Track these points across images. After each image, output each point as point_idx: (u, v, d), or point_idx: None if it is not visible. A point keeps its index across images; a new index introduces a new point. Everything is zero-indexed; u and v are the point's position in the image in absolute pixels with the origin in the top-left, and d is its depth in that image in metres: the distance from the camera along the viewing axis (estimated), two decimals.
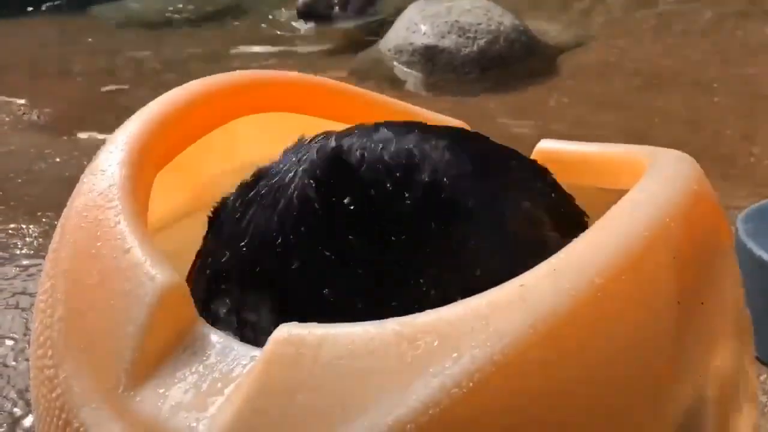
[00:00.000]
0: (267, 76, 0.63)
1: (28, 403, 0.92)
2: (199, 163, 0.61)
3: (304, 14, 2.55)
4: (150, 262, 0.42)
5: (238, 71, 0.62)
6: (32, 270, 1.24)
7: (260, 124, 0.63)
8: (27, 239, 1.38)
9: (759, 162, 1.60)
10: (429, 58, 2.25)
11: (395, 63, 2.29)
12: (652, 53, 2.24)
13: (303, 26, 2.58)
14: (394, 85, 2.21)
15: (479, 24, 2.29)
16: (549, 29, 2.45)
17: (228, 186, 0.65)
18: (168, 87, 0.58)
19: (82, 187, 0.49)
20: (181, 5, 3.03)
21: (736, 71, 2.06)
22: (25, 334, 1.05)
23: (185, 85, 0.57)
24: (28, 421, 0.90)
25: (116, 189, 0.47)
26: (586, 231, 0.38)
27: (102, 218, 0.45)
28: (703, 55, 2.20)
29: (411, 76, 2.25)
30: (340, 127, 0.56)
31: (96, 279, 0.43)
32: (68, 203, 0.50)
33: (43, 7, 3.02)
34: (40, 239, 1.37)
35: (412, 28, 2.32)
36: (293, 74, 0.66)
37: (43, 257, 0.50)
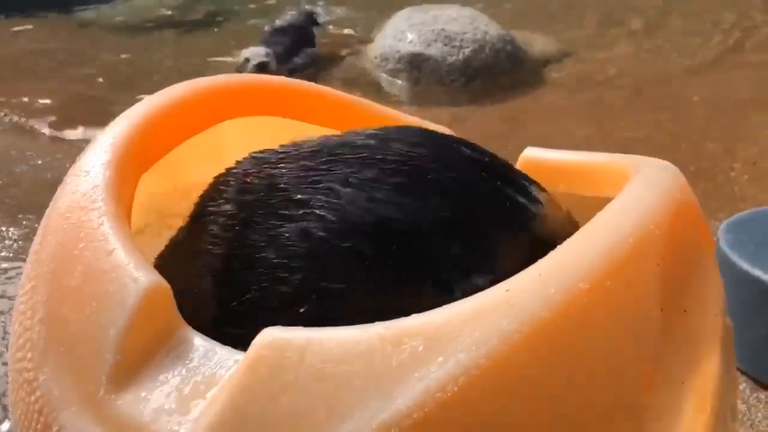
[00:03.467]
0: (253, 80, 0.63)
1: (5, 408, 0.91)
2: (184, 165, 0.61)
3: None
4: (133, 264, 0.42)
5: (224, 75, 0.61)
6: (11, 273, 1.23)
7: (246, 128, 0.63)
8: (7, 242, 1.36)
9: (739, 175, 1.62)
10: (415, 66, 2.26)
11: (381, 71, 2.30)
12: (636, 66, 2.26)
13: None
14: (379, 93, 2.22)
15: (465, 33, 2.30)
16: (535, 40, 2.47)
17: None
18: (151, 91, 0.57)
19: (65, 188, 0.49)
20: (168, 11, 3.02)
21: (718, 85, 2.09)
22: (3, 338, 1.04)
23: (171, 87, 0.57)
24: (5, 427, 0.89)
25: (100, 190, 0.46)
26: (572, 237, 0.39)
27: (85, 219, 0.45)
28: (686, 68, 2.22)
29: (396, 85, 2.25)
30: (326, 131, 0.56)
31: (78, 281, 0.43)
32: (51, 204, 0.49)
33: (29, 10, 3.00)
34: (20, 242, 1.36)
35: (398, 36, 2.33)
36: (280, 78, 0.66)
37: (23, 260, 0.50)
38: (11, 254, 1.31)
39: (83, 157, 0.50)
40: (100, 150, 0.50)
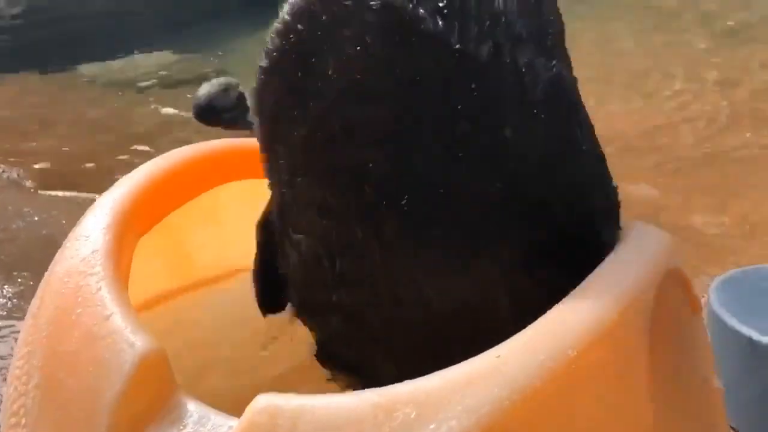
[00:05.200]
0: (251, 144, 0.65)
1: None
2: (181, 227, 0.62)
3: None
4: (130, 329, 0.42)
5: (222, 139, 0.63)
6: (5, 332, 1.22)
7: (244, 190, 0.64)
8: (1, 300, 1.36)
9: (728, 232, 1.64)
10: None
11: None
12: (620, 121, 2.30)
13: None
14: None
15: None
16: None
17: (209, 255, 0.66)
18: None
19: (64, 253, 0.49)
20: (165, 71, 3.07)
21: (705, 141, 2.12)
22: None
23: (170, 153, 0.59)
24: None
25: (99, 255, 0.47)
26: (561, 302, 0.39)
27: (83, 284, 0.46)
28: (674, 121, 2.27)
29: None
30: None
31: (75, 346, 0.43)
32: (49, 268, 0.50)
33: (30, 67, 3.05)
34: (15, 300, 1.35)
35: None
36: None
37: (17, 318, 0.50)
38: (5, 312, 1.31)
39: (83, 221, 0.51)
40: (100, 214, 0.51)
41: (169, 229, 0.58)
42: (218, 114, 2.38)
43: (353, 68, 0.43)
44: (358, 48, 0.43)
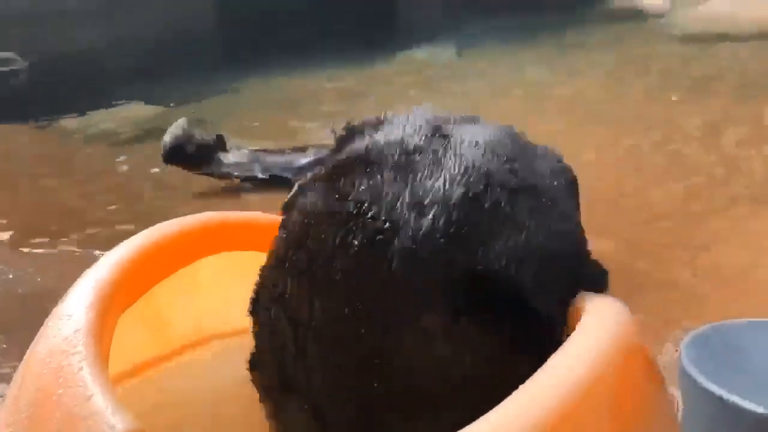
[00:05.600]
0: (228, 218, 0.66)
1: None
2: (161, 301, 0.63)
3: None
4: (111, 411, 0.43)
5: (204, 213, 0.65)
6: None
7: (222, 262, 0.65)
8: None
9: (699, 286, 1.67)
10: None
11: None
12: (598, 174, 2.35)
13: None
14: None
15: None
16: None
17: (190, 327, 0.67)
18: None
19: (46, 332, 0.50)
20: (145, 123, 3.10)
21: (678, 196, 2.17)
22: None
23: (152, 229, 0.60)
24: None
25: (81, 334, 0.48)
26: (527, 381, 0.41)
27: (65, 364, 0.47)
28: (647, 177, 2.32)
29: None
30: None
31: (56, 427, 0.44)
32: (31, 347, 0.51)
33: (12, 118, 3.06)
34: None
35: None
36: (253, 214, 0.69)
37: None
38: None
39: (66, 300, 0.52)
40: (83, 293, 0.52)
41: (147, 302, 0.59)
42: (185, 155, 2.41)
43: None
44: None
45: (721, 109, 2.79)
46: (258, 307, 0.53)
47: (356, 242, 0.46)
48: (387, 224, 0.46)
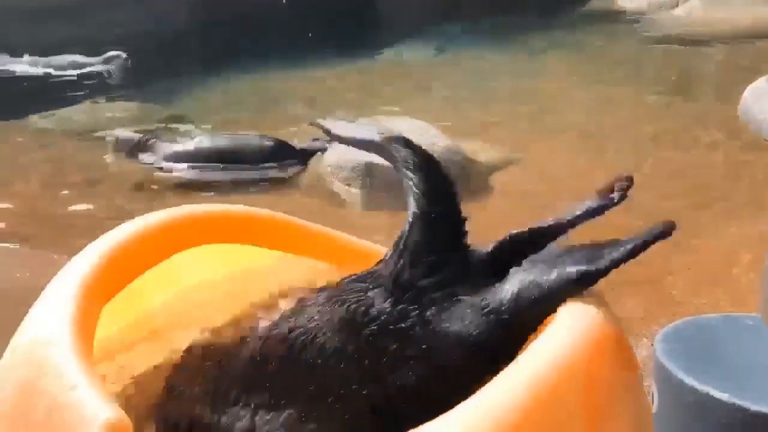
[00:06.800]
0: (206, 211, 0.66)
1: None
2: (142, 290, 0.63)
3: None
4: (95, 400, 0.44)
5: (183, 206, 0.65)
6: None
7: (201, 254, 0.66)
8: None
9: (675, 284, 1.70)
10: (366, 174, 2.34)
11: (335, 179, 2.38)
12: (582, 174, 2.37)
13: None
14: (333, 200, 2.28)
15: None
16: (481, 149, 2.60)
17: (171, 314, 0.67)
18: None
19: (30, 323, 0.51)
20: (123, 115, 3.08)
21: (658, 196, 2.20)
22: None
23: (131, 222, 0.60)
24: None
25: (64, 325, 0.49)
26: (503, 371, 0.42)
27: (49, 355, 0.47)
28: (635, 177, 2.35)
29: (349, 192, 2.33)
30: (274, 254, 0.62)
31: (41, 416, 0.44)
32: (14, 338, 0.51)
33: None
34: None
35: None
36: (234, 207, 0.69)
37: None
38: None
39: (47, 292, 0.52)
40: (65, 284, 0.52)
41: (128, 294, 0.60)
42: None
43: None
44: None
45: (697, 111, 2.83)
46: None
47: None
48: None
